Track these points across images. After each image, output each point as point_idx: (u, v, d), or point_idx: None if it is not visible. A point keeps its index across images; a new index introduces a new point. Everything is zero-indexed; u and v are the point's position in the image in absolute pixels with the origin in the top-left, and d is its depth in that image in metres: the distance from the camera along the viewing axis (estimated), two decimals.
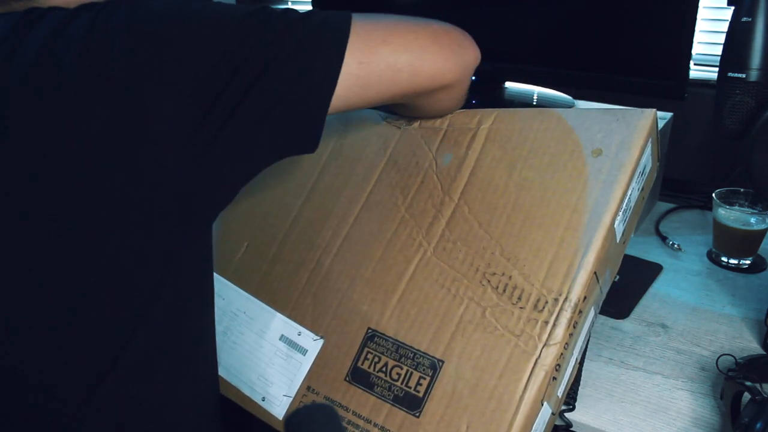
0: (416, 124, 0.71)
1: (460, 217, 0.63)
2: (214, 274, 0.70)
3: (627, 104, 1.20)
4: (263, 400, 0.65)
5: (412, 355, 0.59)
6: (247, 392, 0.66)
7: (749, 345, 0.75)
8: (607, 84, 1.12)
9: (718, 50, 0.79)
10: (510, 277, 0.58)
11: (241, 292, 0.71)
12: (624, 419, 0.65)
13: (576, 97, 1.25)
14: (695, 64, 1.18)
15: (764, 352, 0.73)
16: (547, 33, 1.16)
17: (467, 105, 1.21)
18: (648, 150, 0.61)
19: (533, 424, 0.55)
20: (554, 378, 0.56)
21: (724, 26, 0.73)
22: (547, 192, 0.60)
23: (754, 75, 0.72)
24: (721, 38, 0.74)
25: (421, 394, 0.57)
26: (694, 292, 0.85)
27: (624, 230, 0.63)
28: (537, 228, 0.59)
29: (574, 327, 0.57)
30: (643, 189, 0.65)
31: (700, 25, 1.05)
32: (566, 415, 0.66)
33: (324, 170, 0.74)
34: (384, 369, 0.60)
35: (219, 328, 0.69)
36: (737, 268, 0.90)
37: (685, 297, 0.84)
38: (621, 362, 0.73)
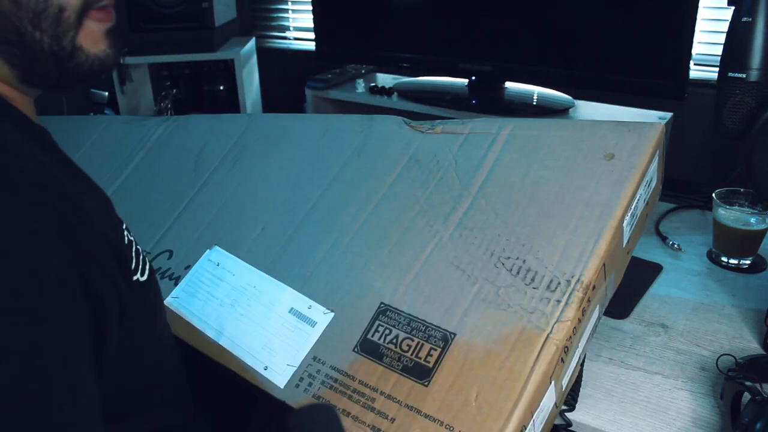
0: (438, 129, 0.75)
1: (477, 209, 0.66)
2: (225, 251, 0.74)
3: (627, 104, 1.21)
4: (265, 369, 0.64)
5: (423, 328, 0.60)
6: (249, 361, 0.65)
7: (749, 345, 0.75)
8: (607, 84, 1.13)
9: (718, 50, 0.79)
10: (524, 261, 0.61)
11: (252, 268, 0.72)
12: (624, 419, 0.65)
13: (576, 97, 1.25)
14: (695, 64, 1.18)
15: (764, 352, 0.73)
16: (548, 33, 1.16)
17: (467, 105, 1.21)
18: (655, 161, 0.65)
19: (541, 400, 0.55)
20: (562, 360, 0.57)
21: (724, 26, 0.73)
22: (562, 188, 0.64)
23: (754, 75, 0.72)
24: (721, 38, 0.74)
25: (431, 365, 0.57)
26: (694, 292, 0.85)
27: (630, 236, 0.66)
28: (551, 219, 0.62)
29: (583, 312, 0.59)
30: (647, 203, 0.68)
31: (700, 25, 1.05)
32: (566, 414, 0.66)
33: (346, 165, 0.77)
34: (394, 341, 0.60)
35: (226, 302, 0.70)
36: (737, 268, 0.90)
37: (685, 297, 0.84)
38: (621, 362, 0.73)
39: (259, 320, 0.68)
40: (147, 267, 0.59)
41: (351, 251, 0.68)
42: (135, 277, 0.55)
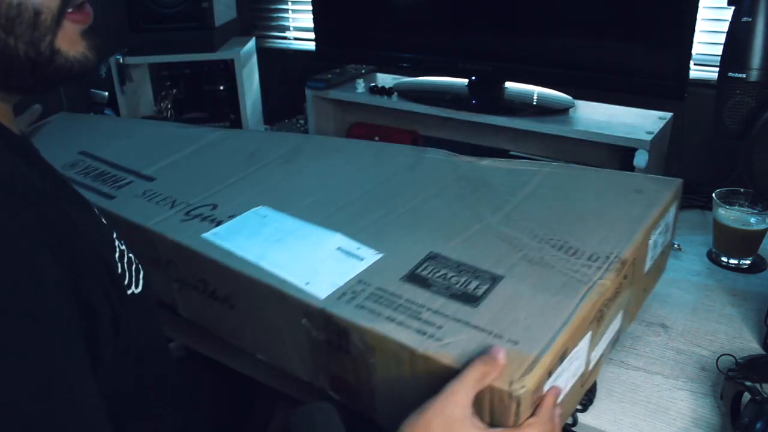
0: (485, 162, 0.83)
1: (521, 209, 0.73)
2: (272, 209, 0.76)
3: (627, 104, 1.21)
4: (307, 284, 0.63)
5: (472, 271, 0.63)
6: (289, 278, 0.64)
7: (749, 345, 0.75)
8: (607, 84, 1.13)
9: (718, 50, 0.79)
10: (566, 242, 0.66)
11: (300, 220, 0.74)
12: (624, 419, 0.65)
13: (576, 97, 1.25)
14: (695, 64, 1.18)
15: (764, 352, 0.73)
16: (548, 33, 1.16)
17: (467, 105, 1.22)
18: (672, 210, 0.75)
19: (579, 341, 0.57)
20: (599, 319, 0.60)
21: (724, 26, 0.73)
22: (597, 205, 0.73)
23: (754, 75, 0.72)
24: (721, 38, 0.74)
25: (479, 295, 0.59)
26: (694, 292, 0.85)
27: (651, 265, 0.72)
28: (588, 221, 0.70)
29: (620, 285, 0.63)
30: (662, 251, 0.76)
31: (700, 25, 1.05)
32: (576, 413, 0.66)
33: (398, 174, 0.84)
34: (443, 276, 0.62)
35: (271, 238, 0.70)
36: (737, 268, 0.90)
37: (685, 297, 0.84)
38: (621, 362, 0.73)
39: (305, 252, 0.68)
40: (141, 278, 0.58)
41: (400, 220, 0.72)
42: (129, 291, 0.54)
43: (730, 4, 0.75)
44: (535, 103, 1.25)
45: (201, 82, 1.62)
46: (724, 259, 0.91)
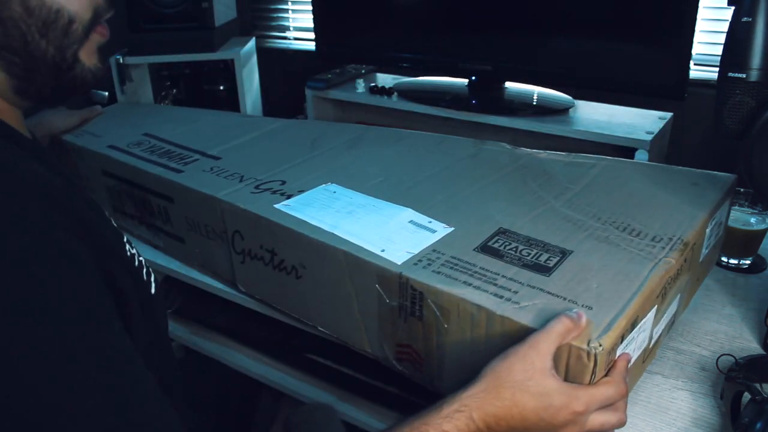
0: (543, 154, 0.86)
1: (582, 196, 0.76)
2: (341, 186, 0.78)
3: (627, 104, 1.21)
4: (382, 251, 0.64)
5: (542, 245, 0.65)
6: (365, 245, 0.65)
7: (749, 345, 0.75)
8: (607, 84, 1.13)
9: (718, 50, 0.79)
10: (629, 224, 0.69)
11: (370, 197, 0.76)
12: None
13: (576, 97, 1.25)
14: (695, 64, 1.18)
15: (764, 352, 0.73)
16: (548, 33, 1.16)
17: (467, 105, 1.21)
18: (725, 206, 0.78)
19: (648, 312, 0.59)
20: (663, 296, 0.62)
21: (724, 26, 0.73)
22: (656, 194, 0.76)
23: (754, 75, 0.71)
24: (721, 38, 0.74)
25: (551, 266, 0.61)
26: None
27: (706, 255, 0.75)
28: (648, 208, 0.72)
29: (681, 267, 0.65)
30: (714, 245, 0.79)
31: (700, 25, 1.05)
32: None
33: (461, 161, 0.86)
34: (514, 249, 0.64)
35: (343, 210, 0.72)
36: (737, 268, 0.90)
37: None
38: None
39: (378, 224, 0.69)
40: (152, 280, 0.59)
41: (467, 200, 0.75)
42: (148, 291, 0.56)
43: (730, 4, 0.75)
44: (535, 103, 1.25)
45: (201, 82, 1.62)
46: (724, 259, 0.91)
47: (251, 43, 1.59)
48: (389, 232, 0.67)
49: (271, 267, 0.73)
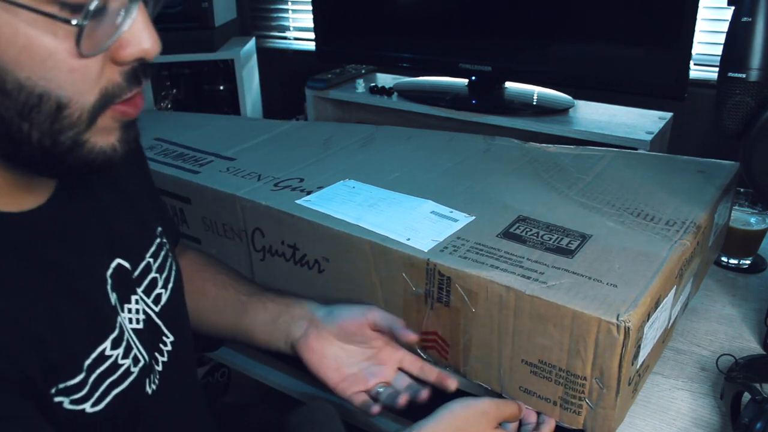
0: (552, 148, 0.88)
1: (594, 185, 0.77)
2: (357, 182, 0.78)
3: (627, 104, 1.21)
4: (408, 240, 0.65)
5: (562, 230, 0.66)
6: (390, 235, 0.66)
7: (749, 345, 0.75)
8: (607, 84, 1.13)
9: (718, 50, 0.79)
10: (643, 210, 0.70)
11: (389, 191, 0.77)
12: (624, 419, 0.65)
13: (576, 97, 1.25)
14: (695, 64, 1.18)
15: (764, 352, 0.73)
16: (548, 33, 1.16)
17: (467, 105, 1.21)
18: (731, 192, 0.80)
19: (669, 292, 0.61)
20: (680, 276, 0.63)
21: (724, 26, 0.73)
22: (665, 181, 0.78)
23: (754, 75, 0.71)
24: (721, 38, 0.74)
25: (573, 248, 0.63)
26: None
27: (713, 240, 0.77)
28: (660, 195, 0.74)
29: (695, 249, 0.66)
30: (720, 231, 0.81)
31: (700, 25, 1.05)
32: None
33: (473, 156, 0.87)
34: (536, 234, 0.66)
35: (365, 204, 0.73)
36: (737, 268, 0.90)
37: None
38: None
39: (400, 215, 0.70)
40: (153, 379, 0.54)
41: (484, 191, 0.76)
42: (81, 407, 0.47)
43: (730, 4, 0.75)
44: (535, 103, 1.25)
45: (201, 82, 1.62)
46: (724, 259, 0.91)
47: (251, 43, 1.59)
48: (412, 222, 0.68)
49: (293, 262, 0.74)
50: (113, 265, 0.52)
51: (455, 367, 0.66)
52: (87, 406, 0.46)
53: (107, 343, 0.48)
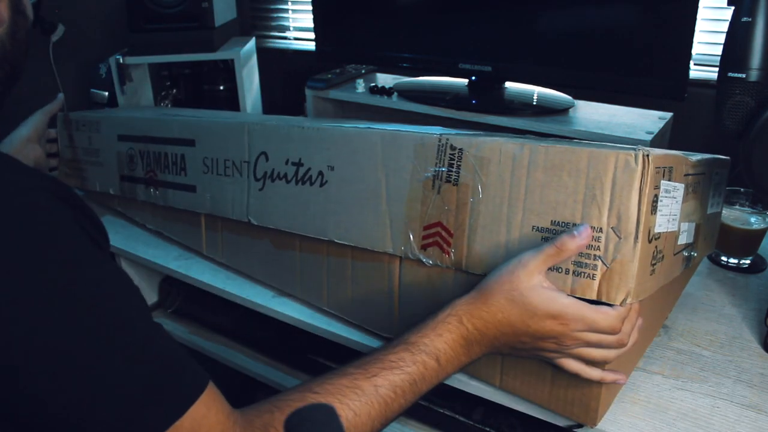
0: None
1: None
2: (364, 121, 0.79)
3: (627, 104, 1.21)
4: (419, 131, 0.68)
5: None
6: (401, 129, 0.69)
7: (749, 345, 0.75)
8: (607, 84, 1.12)
9: (718, 50, 0.79)
10: None
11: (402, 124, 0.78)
12: (624, 419, 0.65)
13: (576, 97, 1.25)
14: (695, 64, 1.18)
15: None
16: (547, 33, 1.16)
17: (467, 105, 1.21)
18: (723, 180, 0.79)
19: (679, 180, 0.60)
20: (687, 187, 0.63)
21: (724, 26, 0.73)
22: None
23: (754, 75, 0.71)
24: (721, 38, 0.74)
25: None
26: (694, 292, 0.85)
27: (710, 216, 0.75)
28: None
29: (694, 186, 0.65)
30: (714, 216, 0.78)
31: (700, 25, 1.05)
32: None
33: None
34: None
35: (374, 124, 0.74)
36: (737, 268, 0.90)
37: (685, 297, 0.84)
38: None
39: (409, 128, 0.72)
40: None
41: None
42: None
43: (730, 4, 0.75)
44: (535, 103, 1.24)
45: (201, 82, 1.62)
46: (724, 258, 0.91)
47: (251, 43, 1.59)
48: (422, 130, 0.69)
49: (294, 182, 0.76)
50: None
51: (459, 262, 0.64)
52: None
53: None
